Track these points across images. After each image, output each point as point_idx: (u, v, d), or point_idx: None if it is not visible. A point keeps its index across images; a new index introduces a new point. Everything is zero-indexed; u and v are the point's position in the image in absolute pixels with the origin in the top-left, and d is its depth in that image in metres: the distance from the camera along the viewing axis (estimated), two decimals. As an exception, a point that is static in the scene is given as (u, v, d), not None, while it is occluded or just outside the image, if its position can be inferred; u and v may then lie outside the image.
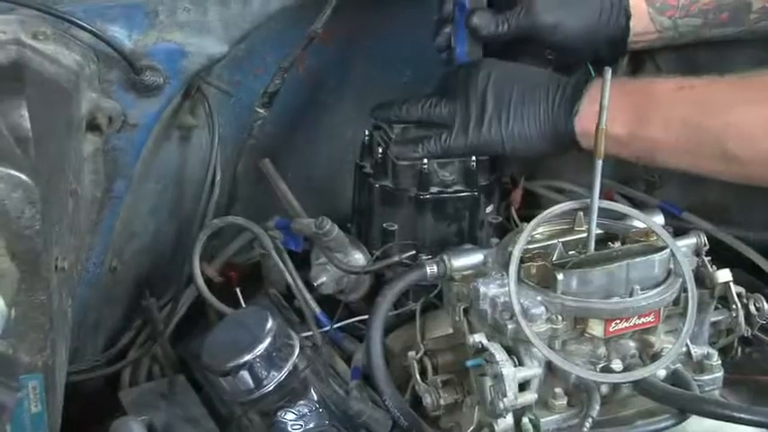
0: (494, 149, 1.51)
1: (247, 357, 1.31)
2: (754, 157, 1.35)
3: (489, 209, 1.56)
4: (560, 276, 1.20)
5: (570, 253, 1.26)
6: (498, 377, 1.18)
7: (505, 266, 1.23)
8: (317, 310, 1.52)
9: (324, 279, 1.55)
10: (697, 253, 1.34)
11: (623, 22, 1.53)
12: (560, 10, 1.53)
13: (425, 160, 1.50)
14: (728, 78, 1.40)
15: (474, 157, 1.51)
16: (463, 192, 1.53)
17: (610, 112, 1.33)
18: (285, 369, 1.33)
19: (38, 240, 1.04)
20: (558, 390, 1.22)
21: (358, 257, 1.54)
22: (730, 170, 1.39)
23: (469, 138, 1.49)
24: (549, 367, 1.23)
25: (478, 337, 1.21)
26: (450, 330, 1.34)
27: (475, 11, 1.55)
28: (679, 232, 1.34)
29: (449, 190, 1.53)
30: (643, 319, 1.22)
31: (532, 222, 1.26)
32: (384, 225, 1.53)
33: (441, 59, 1.62)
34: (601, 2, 1.53)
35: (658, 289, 1.23)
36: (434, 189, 1.52)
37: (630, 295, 1.21)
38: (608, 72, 1.21)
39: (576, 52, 1.56)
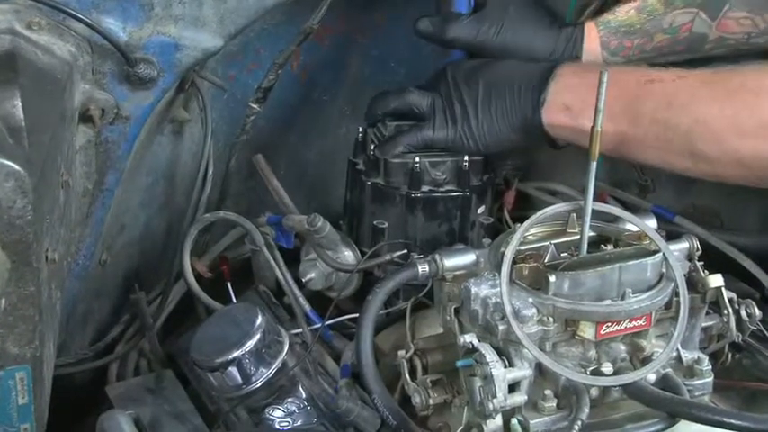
0: (468, 146, 1.51)
1: (236, 353, 1.31)
2: (722, 157, 1.36)
3: (481, 209, 1.56)
4: (552, 278, 1.20)
5: (562, 255, 1.26)
6: (488, 378, 1.17)
7: (497, 267, 1.23)
8: (308, 307, 1.51)
9: (312, 275, 1.55)
10: (689, 257, 1.34)
11: (570, 49, 1.55)
12: (509, 38, 1.54)
13: (417, 159, 1.50)
14: (697, 73, 1.40)
15: (466, 157, 1.51)
16: (455, 191, 1.53)
17: (576, 103, 1.38)
18: (274, 366, 1.33)
19: (29, 231, 1.04)
20: (547, 392, 1.22)
21: (348, 255, 1.54)
22: (698, 168, 1.39)
23: (447, 133, 1.50)
24: (540, 369, 1.23)
25: (469, 338, 1.21)
26: (441, 330, 1.34)
27: (422, 17, 1.56)
28: (672, 236, 1.34)
29: (440, 189, 1.53)
30: (634, 323, 1.22)
31: (525, 223, 1.26)
32: (374, 223, 1.53)
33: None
34: (555, 43, 1.54)
35: (650, 293, 1.23)
36: (426, 188, 1.53)
37: (622, 298, 1.21)
38: (605, 74, 1.21)
39: None
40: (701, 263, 1.34)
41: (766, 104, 1.34)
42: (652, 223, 1.34)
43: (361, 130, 1.59)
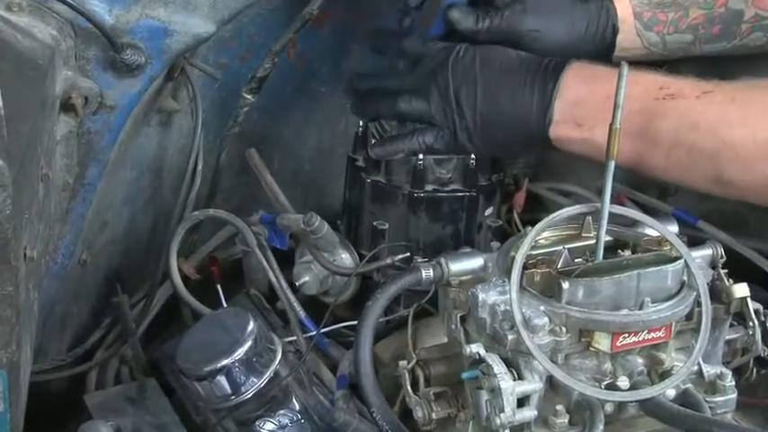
0: (470, 152, 1.51)
1: (225, 361, 1.31)
2: (752, 183, 1.35)
3: (489, 211, 1.56)
4: (566, 285, 1.20)
5: (577, 260, 1.26)
6: (495, 391, 1.18)
7: (507, 272, 1.23)
8: (302, 313, 1.51)
9: (307, 279, 1.56)
10: (713, 265, 1.34)
11: (609, 37, 1.54)
12: (546, 17, 1.53)
13: (420, 156, 1.50)
14: (724, 88, 1.38)
15: (473, 156, 1.51)
16: (461, 191, 1.53)
17: (587, 118, 1.38)
18: (266, 375, 1.34)
19: (7, 227, 1.04)
20: (559, 407, 1.22)
21: (345, 257, 1.54)
22: (724, 191, 1.38)
23: (448, 140, 1.50)
24: (551, 382, 1.23)
25: (475, 348, 1.21)
26: (445, 339, 1.34)
27: (454, 5, 1.56)
28: (694, 242, 1.34)
29: (445, 189, 1.54)
30: (653, 334, 1.22)
31: (537, 226, 1.26)
32: (374, 223, 1.54)
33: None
34: (589, 14, 1.54)
35: (670, 302, 1.23)
36: (429, 187, 1.53)
37: (640, 308, 1.21)
38: (624, 68, 1.21)
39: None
40: (726, 271, 1.34)
41: None
42: (673, 228, 1.34)
43: (361, 123, 1.59)
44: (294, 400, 1.37)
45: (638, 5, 1.54)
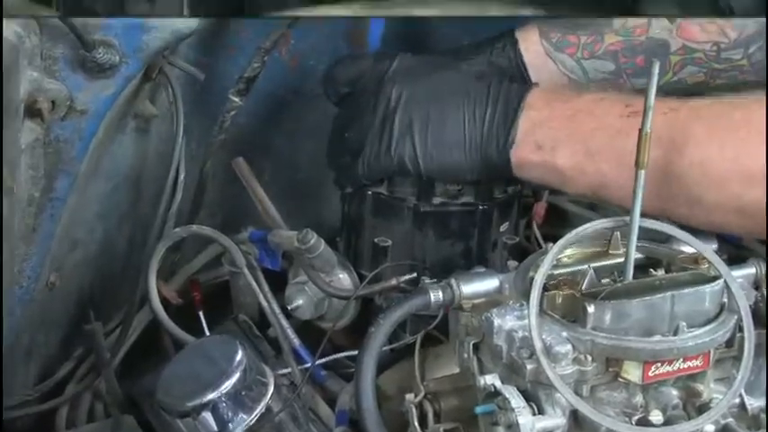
0: (415, 176, 1.51)
1: (211, 396, 1.31)
2: (723, 204, 1.34)
3: (504, 226, 1.56)
4: (591, 308, 1.20)
5: (604, 281, 1.27)
6: (513, 427, 1.18)
7: (525, 295, 1.23)
8: (297, 341, 1.51)
9: (300, 302, 1.55)
10: (756, 285, 1.34)
11: (510, 52, 1.57)
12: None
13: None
14: (691, 104, 1.39)
15: None
16: (472, 205, 1.53)
17: (547, 140, 1.40)
18: (256, 411, 1.33)
19: (-33, 246, 1.04)
20: (584, 444, 1.22)
21: (344, 278, 1.54)
22: (694, 215, 1.38)
23: (383, 165, 1.50)
24: (575, 417, 1.23)
25: (490, 379, 1.22)
26: (456, 370, 1.34)
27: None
28: (735, 260, 1.34)
29: (455, 202, 1.53)
30: (689, 363, 1.22)
31: (559, 243, 1.26)
32: (376, 240, 1.54)
33: None
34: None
35: (708, 327, 1.23)
36: (438, 200, 1.53)
37: (675, 333, 1.21)
38: (656, 66, 1.21)
39: None
40: (771, 292, 1.34)
41: None
42: (712, 244, 1.34)
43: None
44: (288, 438, 1.37)
45: (545, 25, 1.55)
